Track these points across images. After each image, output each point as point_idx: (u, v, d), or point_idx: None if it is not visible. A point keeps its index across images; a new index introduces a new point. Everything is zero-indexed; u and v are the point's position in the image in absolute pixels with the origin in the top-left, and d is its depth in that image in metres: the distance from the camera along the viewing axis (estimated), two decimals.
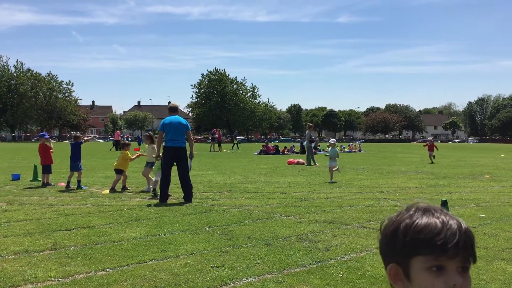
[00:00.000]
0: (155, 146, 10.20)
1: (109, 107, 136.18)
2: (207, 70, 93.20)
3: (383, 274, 4.29)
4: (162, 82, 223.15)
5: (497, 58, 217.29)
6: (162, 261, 4.78)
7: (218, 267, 4.56)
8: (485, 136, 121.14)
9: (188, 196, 9.06)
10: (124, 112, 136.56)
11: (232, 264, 4.65)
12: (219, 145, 36.78)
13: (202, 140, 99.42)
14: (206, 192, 10.49)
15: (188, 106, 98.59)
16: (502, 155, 32.42)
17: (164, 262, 4.74)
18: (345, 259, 4.88)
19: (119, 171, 11.15)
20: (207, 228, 6.44)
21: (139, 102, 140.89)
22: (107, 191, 10.53)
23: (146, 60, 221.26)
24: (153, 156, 10.00)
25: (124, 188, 10.99)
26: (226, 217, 7.33)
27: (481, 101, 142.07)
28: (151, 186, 10.35)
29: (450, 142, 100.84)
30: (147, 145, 11.21)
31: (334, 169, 13.07)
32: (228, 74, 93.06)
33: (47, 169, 12.10)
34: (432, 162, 21.71)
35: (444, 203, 5.82)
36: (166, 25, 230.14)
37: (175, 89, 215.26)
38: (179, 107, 9.94)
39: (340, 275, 4.33)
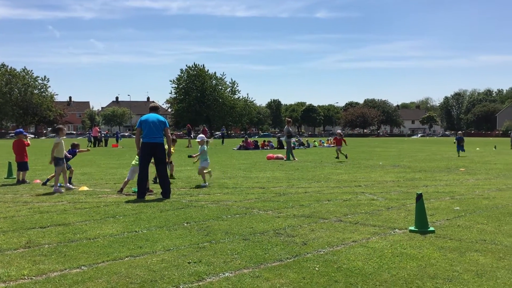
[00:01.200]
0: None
1: (87, 103, 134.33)
2: (186, 66, 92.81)
3: (359, 267, 4.35)
4: (140, 78, 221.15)
5: (473, 53, 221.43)
6: (138, 258, 4.73)
7: (195, 262, 4.53)
8: (461, 130, 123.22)
9: (166, 192, 9.01)
10: (102, 108, 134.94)
11: (209, 260, 4.63)
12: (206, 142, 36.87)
13: (181, 136, 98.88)
14: (184, 188, 10.43)
15: (167, 101, 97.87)
16: (477, 148, 33.05)
17: (141, 259, 4.70)
18: (322, 252, 4.91)
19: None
20: (185, 224, 6.41)
21: (117, 97, 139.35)
22: (84, 187, 10.39)
23: (124, 55, 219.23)
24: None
25: (171, 176, 11.87)
26: (204, 212, 7.31)
27: (457, 96, 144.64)
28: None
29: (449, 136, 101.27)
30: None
31: (205, 171, 11.03)
32: (207, 70, 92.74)
33: (22, 166, 11.87)
34: (337, 157, 20.97)
35: (419, 197, 5.90)
36: (144, 19, 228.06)
37: (154, 85, 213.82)
38: (159, 107, 9.87)
39: (316, 268, 4.35)
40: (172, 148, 11.65)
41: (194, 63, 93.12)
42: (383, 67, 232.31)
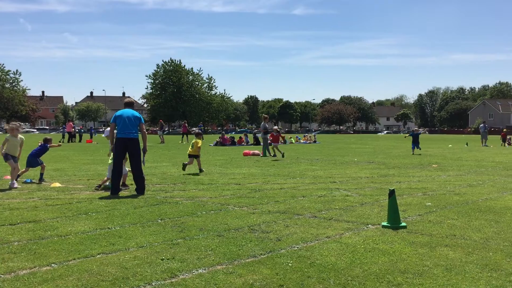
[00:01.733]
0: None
1: (60, 98, 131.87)
2: (163, 61, 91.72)
3: (332, 262, 4.39)
4: (116, 72, 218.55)
5: (446, 52, 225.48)
6: (110, 255, 4.67)
7: (168, 259, 4.50)
8: (435, 127, 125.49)
9: (140, 188, 8.92)
10: (76, 103, 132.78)
11: (182, 256, 4.61)
12: (186, 137, 38.76)
13: (157, 132, 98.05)
14: (159, 184, 10.35)
15: (143, 97, 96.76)
16: (450, 145, 33.72)
17: (113, 256, 4.64)
18: (296, 248, 4.94)
19: (193, 156, 13.33)
20: (159, 221, 6.36)
21: (91, 92, 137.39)
22: (56, 184, 10.21)
23: (99, 49, 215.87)
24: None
25: (201, 170, 13.08)
26: (179, 209, 7.26)
27: (431, 94, 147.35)
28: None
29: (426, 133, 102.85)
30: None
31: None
32: (184, 65, 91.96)
33: None
34: (274, 155, 19.67)
35: (392, 193, 5.99)
36: (119, 13, 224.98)
37: (129, 80, 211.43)
38: (134, 102, 9.75)
39: (290, 264, 4.37)
40: (199, 142, 13.58)
41: (171, 58, 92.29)
42: (359, 65, 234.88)
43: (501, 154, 22.53)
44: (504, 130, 40.20)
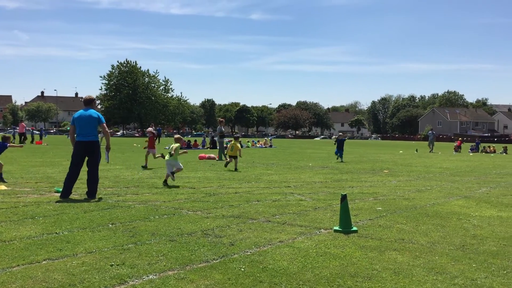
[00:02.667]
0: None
1: (9, 97, 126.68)
2: (118, 61, 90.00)
3: (284, 267, 4.41)
4: (68, 72, 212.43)
5: (398, 61, 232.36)
6: (57, 261, 4.51)
7: (118, 265, 4.39)
8: (387, 134, 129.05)
9: (91, 192, 8.68)
10: (25, 102, 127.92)
11: (133, 262, 4.51)
12: (158, 139, 39.63)
13: (111, 134, 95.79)
14: (111, 188, 10.11)
15: (97, 98, 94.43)
16: (400, 151, 34.76)
17: (60, 262, 4.48)
18: (249, 253, 4.93)
19: (232, 157, 15.39)
20: (110, 225, 6.20)
21: (42, 92, 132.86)
22: (2, 186, 9.79)
23: (51, 48, 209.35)
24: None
25: (236, 169, 14.92)
26: (131, 213, 7.12)
27: (384, 101, 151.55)
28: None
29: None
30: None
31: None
32: (140, 67, 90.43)
33: None
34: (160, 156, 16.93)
35: (344, 197, 6.09)
36: (73, 12, 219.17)
37: (83, 80, 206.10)
38: (94, 99, 9.40)
39: (242, 269, 4.36)
40: (239, 145, 15.55)
41: (126, 59, 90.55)
42: (315, 71, 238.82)
43: (448, 161, 23.41)
44: (460, 138, 42.07)
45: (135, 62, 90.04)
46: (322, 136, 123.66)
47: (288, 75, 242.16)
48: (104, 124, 9.05)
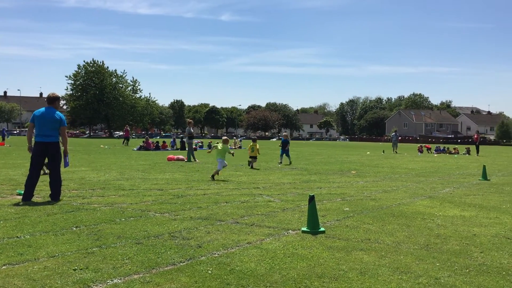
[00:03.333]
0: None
1: None
2: (84, 61, 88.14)
3: (251, 269, 4.39)
4: (33, 72, 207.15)
5: (365, 63, 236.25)
6: (17, 266, 4.36)
7: (81, 269, 4.28)
8: (355, 135, 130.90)
9: (55, 194, 8.45)
10: None
11: (97, 266, 4.40)
12: (127, 140, 40.01)
13: (78, 135, 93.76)
14: (76, 190, 9.88)
15: (63, 98, 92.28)
16: (368, 152, 35.30)
17: (20, 267, 4.33)
18: (216, 255, 4.89)
19: (253, 157, 16.95)
20: (74, 228, 6.05)
21: (5, 92, 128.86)
22: None
23: (14, 47, 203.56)
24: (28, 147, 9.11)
25: (252, 167, 16.59)
26: (96, 216, 6.96)
27: (352, 103, 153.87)
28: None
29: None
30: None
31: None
32: (107, 67, 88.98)
33: None
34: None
35: (312, 198, 6.12)
36: (37, 10, 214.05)
37: (48, 80, 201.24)
38: (59, 97, 9.05)
39: (209, 271, 4.32)
40: (256, 147, 16.95)
41: (93, 59, 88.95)
42: (284, 72, 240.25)
43: (414, 161, 23.91)
44: (429, 139, 43.05)
45: (102, 62, 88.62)
46: (276, 138, 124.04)
47: (257, 76, 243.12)
48: (64, 128, 8.77)
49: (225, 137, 14.57)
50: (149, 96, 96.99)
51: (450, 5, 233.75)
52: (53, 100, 8.74)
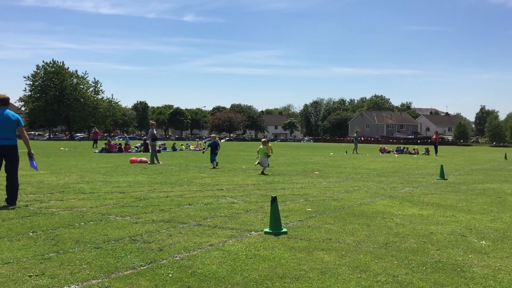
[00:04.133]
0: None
1: None
2: (43, 62, 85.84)
3: (213, 271, 4.38)
4: None
5: (329, 65, 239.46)
6: None
7: (37, 275, 4.16)
8: (318, 136, 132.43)
9: (11, 199, 8.17)
10: None
11: (54, 272, 4.29)
12: (95, 143, 39.46)
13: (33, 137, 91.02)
14: (34, 194, 9.59)
15: (21, 99, 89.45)
16: (331, 153, 35.76)
17: None
18: (178, 258, 4.85)
19: (267, 156, 17.17)
20: (30, 233, 5.87)
21: None
22: None
23: None
24: None
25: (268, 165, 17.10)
26: (54, 220, 6.78)
27: (315, 104, 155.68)
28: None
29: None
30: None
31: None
32: (68, 67, 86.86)
33: None
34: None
35: (274, 199, 6.15)
36: None
37: (5, 81, 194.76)
38: (9, 99, 8.71)
39: (170, 275, 4.28)
40: (270, 149, 17.26)
41: (53, 59, 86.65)
42: (249, 74, 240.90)
43: (375, 162, 24.40)
44: (390, 140, 43.97)
45: (63, 62, 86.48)
46: (227, 139, 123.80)
47: (222, 77, 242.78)
48: (22, 128, 8.50)
49: (264, 139, 16.50)
50: (112, 98, 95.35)
51: (410, 9, 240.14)
52: (5, 101, 8.40)
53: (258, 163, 16.68)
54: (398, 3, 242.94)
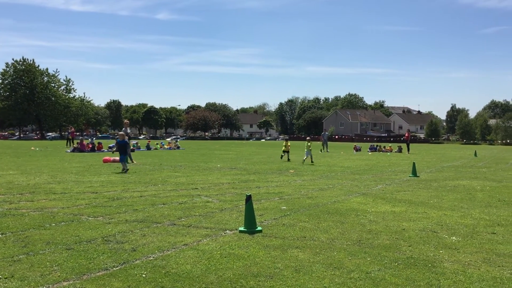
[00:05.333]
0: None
1: None
2: (13, 59, 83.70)
3: (187, 270, 4.35)
4: None
5: (303, 64, 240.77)
6: None
7: (6, 278, 4.06)
8: (294, 134, 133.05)
9: None
10: None
11: (23, 274, 4.19)
12: (71, 141, 38.74)
13: (6, 136, 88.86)
14: (3, 195, 9.36)
15: None
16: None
17: None
18: (151, 258, 4.81)
19: (286, 152, 22.41)
20: None
21: None
22: None
23: None
24: None
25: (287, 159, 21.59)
26: (24, 221, 6.63)
27: (290, 102, 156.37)
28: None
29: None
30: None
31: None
32: (38, 65, 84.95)
33: None
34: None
35: (249, 198, 6.16)
36: None
37: None
38: None
39: (143, 275, 4.23)
40: (288, 144, 22.76)
41: (23, 57, 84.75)
42: (223, 72, 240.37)
43: (349, 160, 24.66)
44: (364, 138, 44.37)
45: (33, 60, 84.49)
46: (182, 138, 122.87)
47: (196, 76, 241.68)
48: None
49: (308, 138, 20.56)
50: (84, 96, 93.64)
51: (382, 9, 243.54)
52: None
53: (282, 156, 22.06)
54: (370, 3, 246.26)
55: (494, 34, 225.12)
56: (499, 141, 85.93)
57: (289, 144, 23.15)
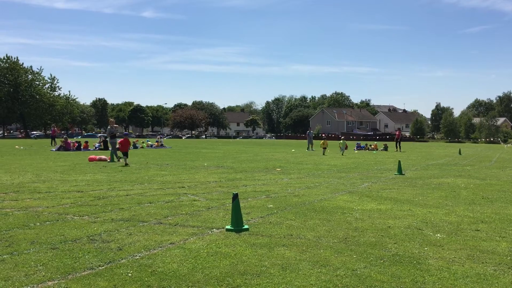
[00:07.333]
0: None
1: None
2: None
3: (174, 269, 4.34)
4: None
5: (290, 62, 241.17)
6: None
7: None
8: (280, 133, 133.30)
9: None
10: None
11: (7, 274, 4.14)
12: (54, 140, 38.71)
13: None
14: None
15: None
16: (293, 150, 36.06)
17: None
18: (138, 257, 4.78)
19: (324, 148, 28.41)
20: None
21: None
22: None
23: None
24: None
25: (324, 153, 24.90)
26: (8, 221, 6.55)
27: (277, 101, 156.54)
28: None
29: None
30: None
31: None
32: (22, 63, 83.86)
33: None
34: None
35: (235, 196, 6.15)
36: None
37: None
38: None
39: (129, 274, 4.21)
40: (326, 141, 28.65)
41: (7, 54, 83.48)
42: (210, 71, 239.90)
43: (336, 158, 24.77)
44: (351, 137, 44.55)
45: (17, 58, 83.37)
46: (166, 136, 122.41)
47: (183, 74, 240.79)
48: None
49: (343, 137, 26.47)
50: (69, 94, 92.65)
51: (367, 8, 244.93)
52: None
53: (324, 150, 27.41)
54: (355, 2, 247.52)
55: (478, 33, 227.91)
56: (483, 140, 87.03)
57: (327, 142, 29.78)
